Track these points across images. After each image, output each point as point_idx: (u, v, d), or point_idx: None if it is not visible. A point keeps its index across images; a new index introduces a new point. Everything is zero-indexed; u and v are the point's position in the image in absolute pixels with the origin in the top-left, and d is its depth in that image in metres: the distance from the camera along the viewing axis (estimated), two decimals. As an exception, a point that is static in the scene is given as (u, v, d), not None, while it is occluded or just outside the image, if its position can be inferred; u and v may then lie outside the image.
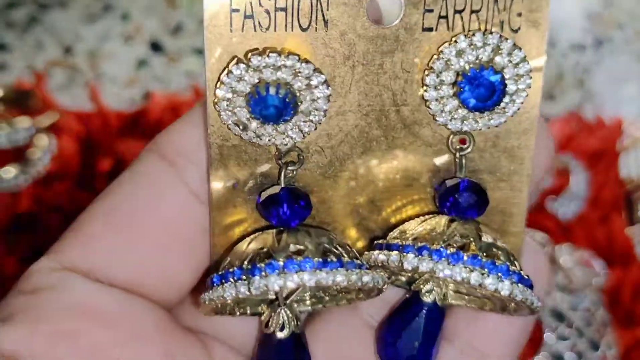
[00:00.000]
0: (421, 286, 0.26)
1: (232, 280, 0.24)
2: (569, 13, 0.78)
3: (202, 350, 0.26)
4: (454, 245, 0.25)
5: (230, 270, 0.24)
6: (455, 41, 0.25)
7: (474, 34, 0.25)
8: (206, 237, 0.26)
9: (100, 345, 0.24)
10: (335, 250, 0.25)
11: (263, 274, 0.23)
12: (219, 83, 0.24)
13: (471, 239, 0.25)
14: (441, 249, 0.24)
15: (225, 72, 0.24)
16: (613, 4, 0.79)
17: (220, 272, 0.25)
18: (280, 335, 0.25)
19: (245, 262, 0.24)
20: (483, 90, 0.25)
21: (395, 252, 0.25)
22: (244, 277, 0.24)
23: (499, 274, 0.24)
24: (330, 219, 0.27)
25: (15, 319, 0.24)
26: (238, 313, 0.27)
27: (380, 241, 0.26)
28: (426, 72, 0.25)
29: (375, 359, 0.27)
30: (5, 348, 0.23)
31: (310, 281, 0.23)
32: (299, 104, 0.24)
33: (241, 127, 0.24)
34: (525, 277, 0.25)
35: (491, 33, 0.25)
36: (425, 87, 0.25)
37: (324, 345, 0.27)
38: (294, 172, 0.26)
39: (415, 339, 0.26)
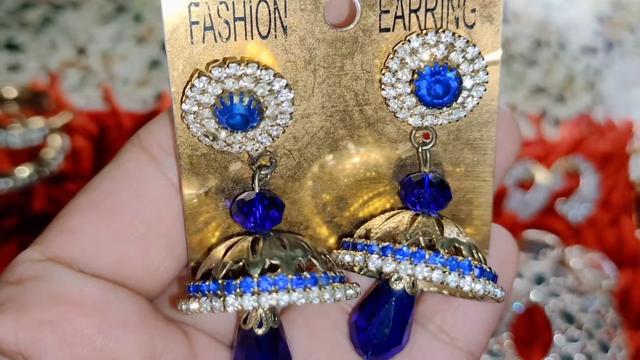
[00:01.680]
0: (390, 275, 0.27)
1: (207, 294, 0.25)
2: (579, 16, 0.78)
3: (184, 339, 0.27)
4: (416, 244, 0.26)
5: (206, 283, 0.25)
6: (409, 40, 0.25)
7: (426, 33, 0.25)
8: None
9: (83, 333, 0.25)
10: (309, 263, 0.25)
11: (238, 291, 0.24)
12: (183, 97, 0.24)
13: (433, 235, 0.26)
14: (404, 248, 0.25)
15: (189, 85, 0.24)
16: (623, 7, 0.79)
17: (196, 283, 0.25)
18: (258, 331, 0.26)
19: (221, 276, 0.25)
20: (439, 87, 0.26)
21: (360, 252, 0.26)
22: (219, 292, 0.24)
23: (460, 270, 0.25)
24: (302, 219, 0.28)
25: (1, 309, 0.24)
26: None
27: (347, 239, 0.27)
28: (383, 72, 0.26)
29: (348, 344, 0.28)
30: None
31: (283, 301, 0.24)
32: (264, 109, 0.25)
33: (211, 138, 0.25)
34: (488, 269, 0.26)
35: (444, 31, 0.25)
36: (383, 86, 0.26)
37: (301, 332, 0.28)
38: (267, 176, 0.26)
39: (386, 326, 0.27)
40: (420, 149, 0.27)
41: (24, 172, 0.55)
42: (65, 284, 0.25)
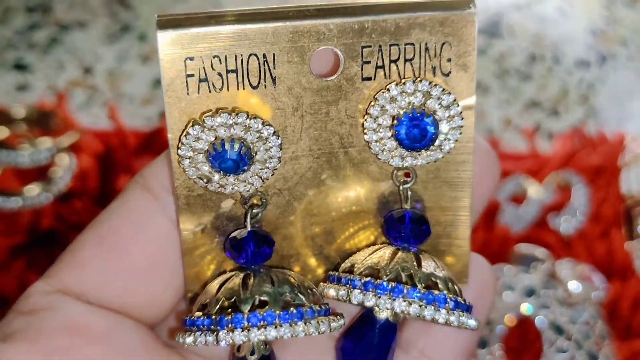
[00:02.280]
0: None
1: (202, 328, 0.27)
2: (573, 30, 0.80)
3: None
4: (395, 279, 0.28)
5: (201, 318, 0.27)
6: (388, 89, 0.27)
7: (404, 83, 0.27)
8: None
9: None
10: (296, 298, 0.27)
11: (230, 326, 0.26)
12: (179, 144, 0.26)
13: (412, 270, 0.28)
14: (383, 284, 0.27)
15: (184, 133, 0.26)
16: (616, 21, 0.80)
17: (192, 317, 0.27)
18: (251, 359, 0.28)
19: (215, 311, 0.27)
20: (417, 132, 0.28)
21: (344, 287, 0.28)
22: (212, 327, 0.26)
23: (436, 304, 0.27)
24: (293, 252, 0.30)
25: (14, 338, 0.26)
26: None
27: (333, 273, 0.29)
28: (365, 117, 0.28)
29: None
30: None
31: (271, 336, 0.26)
32: (254, 154, 0.27)
33: (205, 180, 0.27)
34: (462, 301, 0.28)
35: (421, 81, 0.27)
36: (365, 130, 0.28)
37: (292, 356, 0.30)
38: (258, 215, 0.28)
39: (370, 352, 0.29)
40: (401, 187, 0.29)
41: (33, 191, 0.57)
42: (74, 314, 0.27)
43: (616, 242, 0.58)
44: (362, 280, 0.28)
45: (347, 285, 0.28)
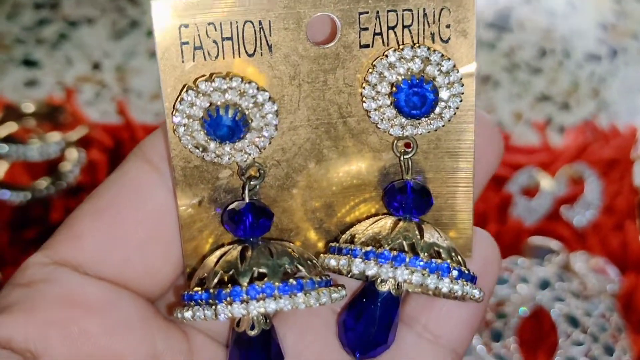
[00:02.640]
0: (376, 277, 0.28)
1: (200, 302, 0.26)
2: (583, 24, 0.79)
3: (183, 338, 0.28)
4: (398, 248, 0.27)
5: (199, 292, 0.26)
6: (386, 55, 0.27)
7: (403, 49, 0.27)
8: None
9: (89, 332, 0.26)
10: (295, 269, 0.27)
11: (228, 299, 0.26)
12: (174, 110, 0.26)
13: (414, 239, 0.27)
14: (385, 252, 0.27)
15: (178, 99, 0.26)
16: (627, 15, 0.80)
17: (190, 292, 0.27)
18: (251, 333, 0.27)
19: (213, 285, 0.26)
20: (416, 99, 0.27)
21: (345, 257, 0.27)
22: (211, 301, 0.26)
23: (439, 272, 0.26)
24: (293, 226, 0.29)
25: (11, 309, 0.26)
26: None
27: (333, 244, 0.29)
28: (363, 85, 0.27)
29: (337, 343, 0.30)
30: (1, 336, 0.25)
31: (271, 308, 0.26)
32: (250, 121, 0.26)
33: (201, 150, 0.26)
34: (466, 271, 0.27)
35: (419, 46, 0.27)
36: (364, 99, 0.27)
37: (292, 331, 0.29)
38: (257, 187, 0.28)
39: (372, 325, 0.28)
40: (402, 158, 0.28)
41: (42, 184, 0.57)
42: (71, 286, 0.27)
43: (630, 234, 0.58)
44: (363, 250, 0.27)
45: (348, 255, 0.27)
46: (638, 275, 0.55)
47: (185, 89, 0.26)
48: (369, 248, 0.27)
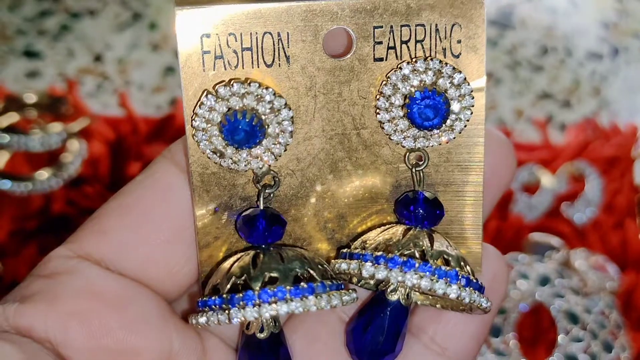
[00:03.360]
0: (386, 286, 0.29)
1: (214, 307, 0.27)
2: (585, 22, 0.79)
3: (197, 339, 0.29)
4: (407, 254, 0.27)
5: (213, 298, 0.27)
6: (400, 68, 0.28)
7: (416, 61, 0.27)
8: None
9: (108, 326, 0.26)
10: (306, 273, 0.27)
11: (241, 303, 0.26)
12: (193, 115, 0.26)
13: (424, 247, 0.28)
14: (395, 257, 0.27)
15: (198, 104, 0.26)
16: (629, 14, 0.80)
17: (204, 298, 0.27)
18: (260, 336, 0.28)
19: (226, 290, 0.27)
20: (429, 110, 0.28)
21: (356, 261, 0.28)
22: (224, 306, 0.26)
23: (448, 279, 0.27)
24: (305, 235, 0.29)
25: (33, 299, 0.26)
26: None
27: (344, 250, 0.29)
28: (377, 97, 0.28)
29: (345, 351, 0.30)
30: (22, 324, 0.26)
31: (282, 311, 0.26)
32: (266, 127, 0.27)
33: (218, 155, 0.27)
34: (474, 280, 0.28)
35: (432, 59, 0.27)
36: (378, 110, 0.28)
37: (301, 338, 0.30)
38: (271, 195, 0.28)
39: (380, 334, 0.28)
40: (414, 170, 0.29)
41: (44, 175, 0.57)
42: (93, 279, 0.27)
43: (630, 232, 0.58)
44: (374, 255, 0.27)
45: (359, 260, 0.28)
46: (637, 273, 0.55)
47: (205, 94, 0.26)
48: (380, 253, 0.27)
